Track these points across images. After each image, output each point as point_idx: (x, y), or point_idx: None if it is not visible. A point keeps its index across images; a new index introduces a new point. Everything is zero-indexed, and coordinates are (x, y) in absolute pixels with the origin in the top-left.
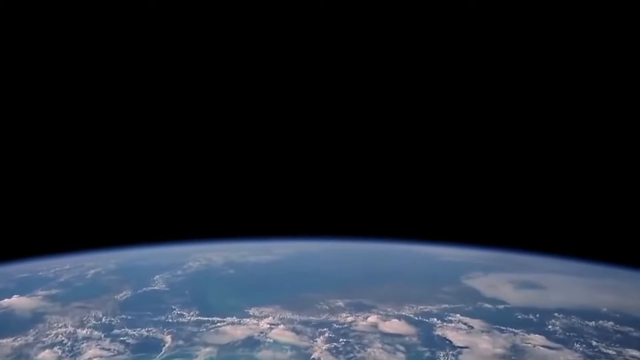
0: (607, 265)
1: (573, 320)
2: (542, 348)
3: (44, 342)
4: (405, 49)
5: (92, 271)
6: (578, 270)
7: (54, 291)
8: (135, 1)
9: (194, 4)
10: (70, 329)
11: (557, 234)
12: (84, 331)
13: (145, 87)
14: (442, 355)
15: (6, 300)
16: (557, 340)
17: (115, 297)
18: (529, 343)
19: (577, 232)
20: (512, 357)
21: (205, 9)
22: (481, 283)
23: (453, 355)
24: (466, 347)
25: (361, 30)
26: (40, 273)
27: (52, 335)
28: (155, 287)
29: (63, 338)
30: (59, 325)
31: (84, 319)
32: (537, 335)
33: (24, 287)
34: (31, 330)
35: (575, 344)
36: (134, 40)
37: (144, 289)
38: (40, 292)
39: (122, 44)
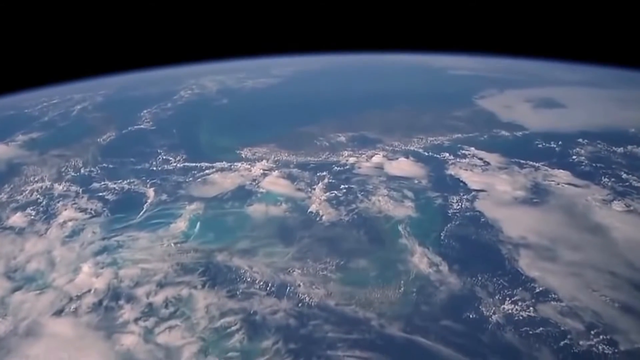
0: (631, 71)
1: (599, 147)
2: (566, 186)
3: (17, 201)
4: None
5: (79, 107)
6: (599, 79)
7: (34, 134)
8: None
9: None
10: (47, 183)
11: (574, 35)
12: (61, 186)
13: None
14: (455, 201)
15: None
16: (582, 175)
17: (98, 140)
18: (552, 180)
19: (596, 33)
20: (534, 200)
21: None
22: (496, 103)
23: (468, 200)
24: (482, 191)
25: None
26: (26, 110)
27: (27, 192)
28: (142, 126)
29: (38, 196)
30: (35, 179)
31: (62, 170)
32: (560, 170)
33: (4, 130)
34: (5, 185)
35: (603, 177)
36: None
37: (130, 128)
38: (20, 137)
39: None
